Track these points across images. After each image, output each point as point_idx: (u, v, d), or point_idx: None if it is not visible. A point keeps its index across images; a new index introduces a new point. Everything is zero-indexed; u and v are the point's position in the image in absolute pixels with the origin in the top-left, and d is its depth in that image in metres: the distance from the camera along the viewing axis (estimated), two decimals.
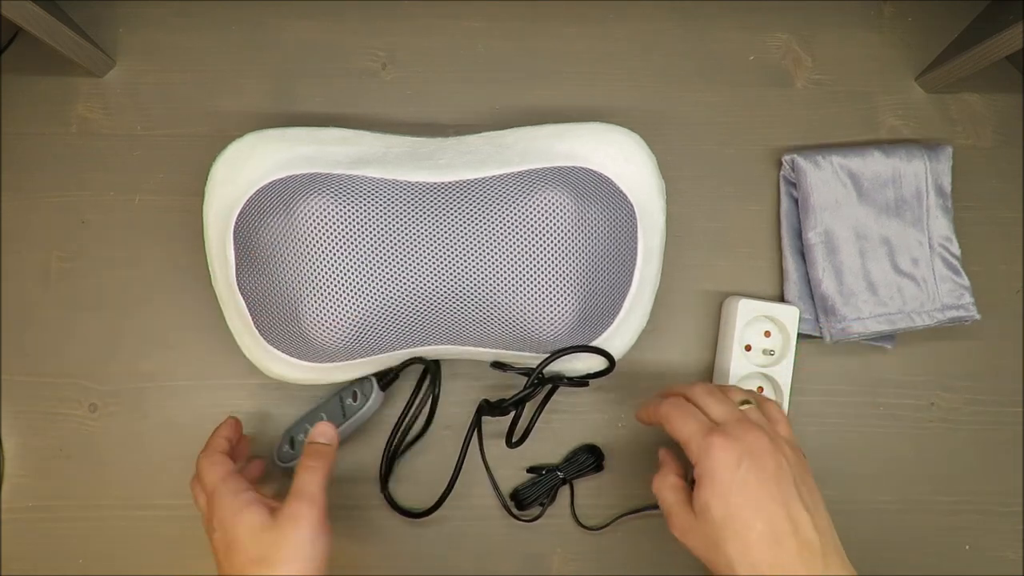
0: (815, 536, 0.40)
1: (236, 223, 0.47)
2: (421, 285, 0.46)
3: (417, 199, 0.47)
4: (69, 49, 0.53)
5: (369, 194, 0.46)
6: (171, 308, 0.56)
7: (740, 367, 0.54)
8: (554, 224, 0.46)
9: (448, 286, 0.46)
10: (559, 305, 0.47)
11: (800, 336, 0.56)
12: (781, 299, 0.58)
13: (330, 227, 0.45)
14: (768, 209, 0.59)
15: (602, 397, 0.56)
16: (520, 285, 0.46)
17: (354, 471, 0.55)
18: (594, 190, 0.48)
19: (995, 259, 0.59)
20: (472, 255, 0.46)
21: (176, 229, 0.56)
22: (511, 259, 0.46)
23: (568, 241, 0.46)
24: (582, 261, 0.47)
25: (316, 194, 0.45)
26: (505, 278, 0.46)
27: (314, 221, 0.45)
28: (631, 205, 0.49)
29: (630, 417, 0.56)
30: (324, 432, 0.48)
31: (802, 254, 0.57)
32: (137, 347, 0.56)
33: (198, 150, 0.56)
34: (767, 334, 0.56)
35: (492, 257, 0.46)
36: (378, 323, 0.46)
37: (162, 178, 0.57)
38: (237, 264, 0.48)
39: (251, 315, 0.48)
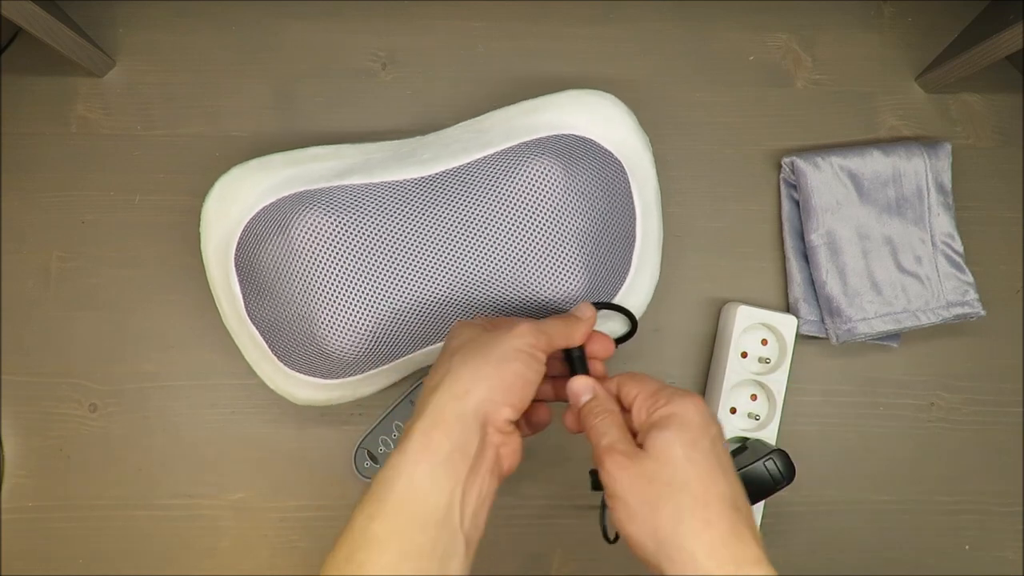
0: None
1: (236, 255, 0.48)
2: (428, 277, 0.46)
3: (407, 196, 0.47)
4: (69, 49, 0.53)
5: (358, 200, 0.46)
6: (171, 308, 0.56)
7: (734, 373, 0.54)
8: (546, 192, 0.46)
9: (454, 272, 0.46)
10: (566, 270, 0.47)
11: (806, 337, 0.56)
12: (784, 299, 0.58)
13: (326, 239, 0.45)
14: (768, 209, 0.59)
15: None
16: (524, 258, 0.46)
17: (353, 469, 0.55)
18: (579, 152, 0.48)
19: (995, 259, 0.59)
20: (471, 238, 0.46)
21: (176, 229, 0.56)
22: (511, 235, 0.46)
23: (563, 206, 0.46)
24: (580, 223, 0.47)
25: (307, 210, 0.45)
26: (508, 254, 0.46)
27: (310, 236, 0.45)
28: (618, 161, 0.49)
29: None
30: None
31: (805, 256, 0.57)
32: (137, 347, 0.56)
33: (198, 150, 0.56)
34: (764, 342, 0.55)
35: (492, 236, 0.46)
36: (393, 323, 0.46)
37: (162, 178, 0.57)
38: (244, 295, 0.48)
39: (267, 343, 0.48)
